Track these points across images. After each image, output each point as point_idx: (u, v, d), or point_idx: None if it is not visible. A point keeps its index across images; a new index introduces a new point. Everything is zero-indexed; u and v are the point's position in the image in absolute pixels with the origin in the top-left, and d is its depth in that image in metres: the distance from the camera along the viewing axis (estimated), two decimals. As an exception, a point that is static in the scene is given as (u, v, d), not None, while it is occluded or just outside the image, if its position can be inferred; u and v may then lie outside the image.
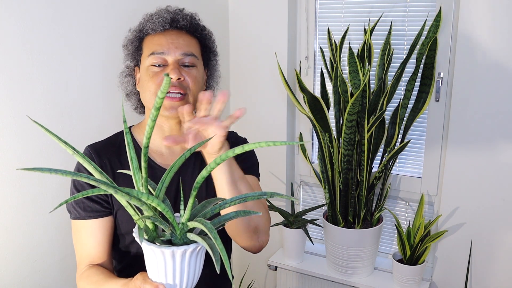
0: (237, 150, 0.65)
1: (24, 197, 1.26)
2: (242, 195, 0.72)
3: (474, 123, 1.67)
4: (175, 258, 0.70)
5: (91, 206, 0.98)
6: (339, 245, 1.83)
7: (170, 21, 1.00)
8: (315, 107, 1.68)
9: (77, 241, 1.02)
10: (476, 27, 1.59)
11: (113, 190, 0.63)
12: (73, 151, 0.68)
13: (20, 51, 1.20)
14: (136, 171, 0.71)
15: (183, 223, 0.71)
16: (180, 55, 0.98)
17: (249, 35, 2.02)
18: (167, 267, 0.71)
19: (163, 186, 0.71)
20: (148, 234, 0.73)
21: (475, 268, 1.79)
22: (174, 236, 0.72)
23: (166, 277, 0.73)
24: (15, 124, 1.21)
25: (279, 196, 0.70)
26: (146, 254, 0.74)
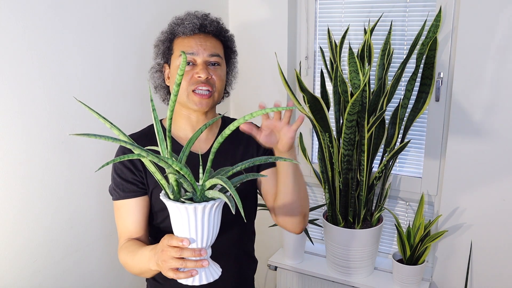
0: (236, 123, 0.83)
1: (26, 198, 1.26)
2: (251, 159, 0.86)
3: (474, 123, 1.67)
4: (196, 214, 0.81)
5: (129, 187, 1.11)
6: (339, 245, 1.83)
7: (199, 26, 1.13)
8: (315, 107, 1.68)
9: (118, 219, 1.14)
10: (476, 27, 1.59)
11: (145, 153, 0.75)
12: (111, 125, 0.80)
13: (24, 51, 1.20)
14: (162, 141, 0.83)
15: (202, 184, 0.82)
16: (207, 56, 1.12)
17: (249, 35, 2.02)
18: (190, 222, 0.82)
19: (184, 155, 0.84)
20: (173, 195, 0.83)
21: (475, 268, 1.79)
22: (195, 195, 0.83)
23: (189, 232, 0.83)
24: (18, 124, 1.21)
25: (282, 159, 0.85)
26: (171, 212, 0.84)
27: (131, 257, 1.06)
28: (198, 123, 1.18)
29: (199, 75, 1.10)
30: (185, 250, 0.85)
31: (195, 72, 1.11)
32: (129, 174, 1.11)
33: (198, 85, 1.10)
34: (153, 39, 1.21)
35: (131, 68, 1.56)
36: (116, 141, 0.75)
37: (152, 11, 1.62)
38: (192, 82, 1.10)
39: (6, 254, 1.24)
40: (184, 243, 0.84)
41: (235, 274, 1.21)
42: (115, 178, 1.12)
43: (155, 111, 0.84)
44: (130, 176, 1.11)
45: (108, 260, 1.57)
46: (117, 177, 1.12)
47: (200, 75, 1.10)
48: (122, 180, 1.11)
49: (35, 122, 1.26)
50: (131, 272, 1.09)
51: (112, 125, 0.79)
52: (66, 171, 1.37)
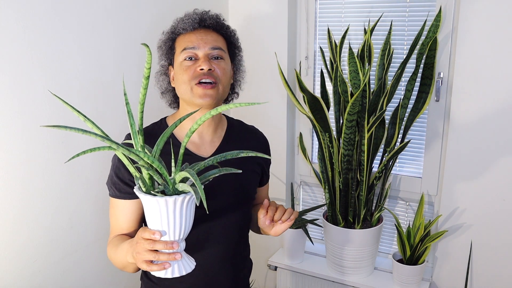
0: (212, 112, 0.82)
1: (26, 198, 1.26)
2: (223, 154, 0.87)
3: (474, 123, 1.67)
4: (167, 206, 0.81)
5: (125, 188, 1.09)
6: (339, 245, 1.83)
7: (199, 20, 1.12)
8: (315, 107, 1.68)
9: (112, 215, 1.14)
10: (476, 27, 1.59)
11: (115, 146, 0.75)
12: (84, 118, 0.79)
13: (24, 51, 1.20)
14: (135, 135, 0.83)
15: (173, 177, 0.83)
16: (209, 49, 1.10)
17: (249, 35, 2.02)
18: (162, 215, 0.82)
19: (158, 148, 0.84)
20: (145, 187, 0.84)
21: (475, 268, 1.79)
22: (167, 188, 0.83)
23: (161, 224, 0.84)
24: (18, 124, 1.21)
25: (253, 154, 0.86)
26: (144, 204, 0.85)
27: (114, 251, 1.07)
28: (204, 125, 1.15)
29: (201, 67, 1.07)
30: (157, 243, 0.85)
31: (197, 66, 1.08)
32: (127, 175, 1.08)
33: (201, 77, 1.07)
34: (153, 39, 1.21)
35: (131, 68, 1.56)
36: (87, 133, 0.74)
37: (152, 11, 1.62)
38: (195, 76, 1.08)
39: (6, 254, 1.24)
40: (156, 236, 0.84)
41: (231, 278, 1.20)
42: (112, 176, 1.11)
43: (128, 104, 0.83)
44: (127, 177, 1.08)
45: (107, 260, 1.56)
46: (114, 176, 1.11)
47: (202, 67, 1.07)
48: (119, 180, 1.09)
49: (35, 122, 1.26)
50: (117, 267, 1.11)
51: (86, 118, 0.79)
52: (66, 171, 1.37)
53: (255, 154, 0.86)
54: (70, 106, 0.78)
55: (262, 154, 0.85)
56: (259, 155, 0.85)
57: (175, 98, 1.20)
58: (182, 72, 1.09)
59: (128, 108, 0.82)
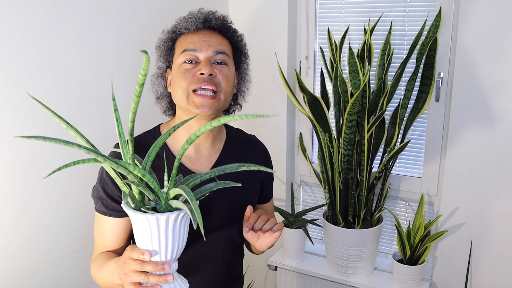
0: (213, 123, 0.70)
1: (26, 198, 1.26)
2: (222, 167, 0.78)
3: (474, 123, 1.67)
4: (159, 224, 0.74)
5: (112, 205, 1.00)
6: (339, 245, 1.83)
7: (203, 20, 1.02)
8: (315, 107, 1.68)
9: (97, 231, 1.05)
10: (476, 27, 1.59)
11: (102, 158, 0.68)
12: (67, 125, 0.71)
13: (23, 51, 1.20)
14: (124, 145, 0.75)
15: (167, 192, 0.75)
16: (212, 53, 0.99)
17: (249, 35, 2.01)
18: (152, 233, 0.75)
19: (148, 160, 0.76)
20: (134, 203, 0.77)
21: (475, 268, 1.79)
22: (158, 204, 0.76)
23: (152, 244, 0.76)
24: (17, 124, 1.21)
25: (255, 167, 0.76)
26: (133, 222, 0.77)
27: (98, 270, 0.98)
28: (201, 139, 1.04)
29: (201, 72, 0.96)
30: (147, 264, 0.77)
31: (197, 69, 0.97)
32: (115, 191, 0.98)
33: (200, 84, 0.96)
34: (153, 39, 1.16)
35: (130, 68, 1.56)
36: (69, 144, 0.66)
37: (153, 11, 1.62)
38: (194, 81, 0.97)
39: (7, 254, 1.24)
40: (145, 256, 0.76)
41: None
42: (99, 191, 1.01)
43: (117, 111, 0.75)
44: (116, 193, 0.98)
45: (108, 260, 1.57)
46: (101, 190, 1.00)
47: (203, 71, 0.96)
48: (107, 196, 0.99)
49: (34, 122, 1.26)
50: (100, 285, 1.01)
51: (69, 126, 0.71)
52: (66, 171, 1.37)
53: (257, 167, 0.75)
54: (50, 111, 0.70)
55: (265, 168, 0.74)
56: (262, 169, 0.74)
57: (171, 105, 1.09)
58: (180, 76, 0.98)
59: (117, 115, 0.75)
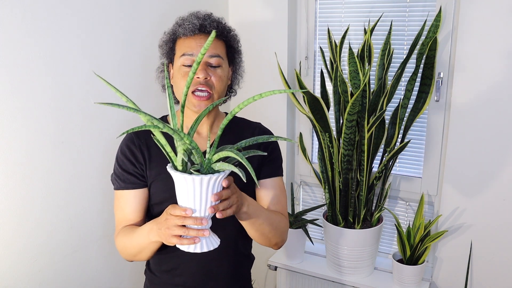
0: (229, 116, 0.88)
1: (26, 198, 1.26)
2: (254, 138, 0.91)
3: (474, 123, 1.67)
4: (202, 185, 0.86)
5: (129, 178, 1.13)
6: (339, 245, 1.83)
7: (199, 27, 1.13)
8: (315, 107, 1.68)
9: (117, 208, 1.17)
10: (476, 27, 1.59)
11: (162, 125, 0.79)
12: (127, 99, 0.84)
13: (26, 51, 1.20)
14: (174, 117, 0.89)
15: (209, 158, 0.87)
16: (207, 57, 1.12)
17: (249, 35, 2.02)
18: (195, 193, 0.86)
19: (192, 131, 0.89)
20: (182, 166, 0.88)
21: (475, 268, 1.79)
22: (202, 168, 0.87)
23: (194, 203, 0.88)
24: (18, 124, 1.21)
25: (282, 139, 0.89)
26: (177, 183, 0.89)
27: (129, 238, 1.10)
28: (206, 118, 1.18)
29: (198, 76, 1.10)
30: (188, 219, 0.89)
31: None
32: (130, 166, 1.13)
33: (196, 86, 1.10)
34: (153, 37, 1.21)
35: (134, 67, 1.56)
36: (139, 112, 0.79)
37: (153, 11, 1.62)
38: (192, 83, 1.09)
39: (7, 254, 1.24)
40: (188, 212, 0.89)
41: (230, 273, 1.21)
42: (117, 168, 1.15)
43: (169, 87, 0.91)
44: (131, 168, 1.13)
45: (108, 260, 1.57)
46: (118, 168, 1.14)
47: (198, 75, 1.10)
48: (123, 171, 1.13)
49: (36, 122, 1.26)
50: (128, 254, 1.13)
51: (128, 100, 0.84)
52: (66, 171, 1.37)
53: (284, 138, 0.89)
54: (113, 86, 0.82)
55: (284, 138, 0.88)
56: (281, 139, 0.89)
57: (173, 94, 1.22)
58: (180, 78, 1.12)
59: (169, 91, 0.90)
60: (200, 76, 1.10)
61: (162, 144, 0.88)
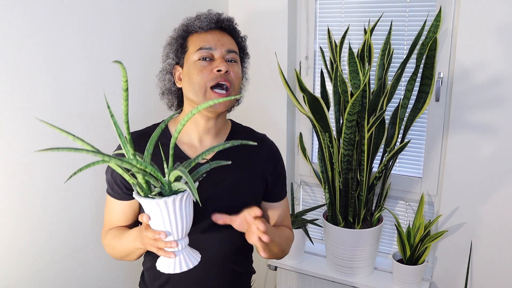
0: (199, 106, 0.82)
1: (26, 198, 1.26)
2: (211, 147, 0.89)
3: (474, 123, 1.67)
4: (168, 207, 0.85)
5: (116, 189, 1.10)
6: (339, 245, 1.83)
7: (216, 21, 1.10)
8: (315, 107, 1.68)
9: (106, 210, 1.16)
10: (476, 27, 1.59)
11: (107, 158, 0.77)
12: (73, 137, 0.80)
13: (26, 51, 1.20)
14: (124, 144, 0.85)
15: (169, 179, 0.86)
16: (225, 51, 1.08)
17: (249, 35, 2.01)
18: (163, 215, 0.86)
19: (148, 153, 0.86)
20: (143, 192, 0.87)
21: (475, 268, 1.79)
22: (164, 190, 0.86)
23: (164, 225, 0.87)
24: (18, 124, 1.21)
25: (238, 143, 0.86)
26: (144, 208, 0.88)
27: (117, 240, 1.09)
28: (205, 130, 1.11)
29: (219, 68, 1.04)
30: (159, 242, 0.89)
31: (214, 66, 1.05)
32: (118, 176, 1.08)
33: (217, 79, 1.04)
34: (154, 38, 1.18)
35: (135, 68, 1.56)
36: (79, 151, 0.76)
37: (154, 11, 1.62)
38: (212, 77, 1.05)
39: (7, 254, 1.24)
40: (161, 236, 0.87)
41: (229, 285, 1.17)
42: (108, 174, 1.12)
43: (113, 116, 0.86)
44: (119, 178, 1.08)
45: (108, 260, 1.57)
46: (109, 174, 1.11)
47: (220, 67, 1.04)
48: (112, 179, 1.10)
49: (36, 122, 1.26)
50: (115, 255, 1.12)
51: (75, 137, 0.81)
52: (66, 172, 1.37)
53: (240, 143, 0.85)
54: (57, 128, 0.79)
55: (248, 142, 0.85)
56: (244, 143, 0.85)
57: (177, 100, 1.16)
58: (197, 73, 1.05)
59: (114, 120, 0.85)
60: (222, 68, 1.04)
61: (120, 173, 0.85)
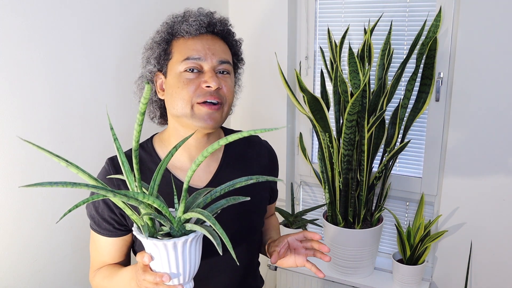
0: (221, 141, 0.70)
1: (26, 198, 1.26)
2: (231, 182, 0.76)
3: (474, 123, 1.67)
4: (176, 249, 0.74)
5: (105, 225, 0.97)
6: (339, 245, 1.83)
7: (207, 25, 0.94)
8: (315, 107, 1.68)
9: (93, 248, 1.03)
10: (476, 27, 1.59)
11: (111, 194, 0.66)
12: (66, 164, 0.69)
13: (24, 52, 1.20)
14: (128, 173, 0.74)
15: (179, 217, 0.75)
16: (216, 62, 0.93)
17: (249, 35, 2.02)
18: (170, 258, 0.75)
19: (155, 184, 0.74)
20: (148, 232, 0.76)
21: (475, 268, 1.79)
22: (172, 229, 0.76)
23: (170, 267, 0.76)
24: (18, 124, 1.21)
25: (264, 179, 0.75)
26: (146, 248, 0.77)
27: (109, 279, 0.95)
28: (197, 149, 0.98)
29: (208, 85, 0.89)
30: (161, 286, 0.75)
31: (203, 81, 0.90)
32: (106, 212, 0.95)
33: (206, 97, 0.90)
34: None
35: (132, 69, 1.56)
36: (77, 186, 0.64)
37: (153, 11, 1.62)
38: (199, 93, 0.90)
39: (7, 254, 1.24)
40: (164, 279, 0.75)
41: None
42: (91, 209, 0.97)
43: (117, 140, 0.73)
44: (107, 213, 0.95)
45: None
46: (92, 208, 0.97)
47: (210, 84, 0.89)
48: (98, 216, 0.96)
49: (35, 122, 1.26)
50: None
51: (69, 164, 0.69)
52: (66, 171, 1.37)
53: (266, 179, 0.73)
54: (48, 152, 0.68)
55: (273, 178, 0.74)
56: (270, 179, 0.73)
57: (160, 111, 1.01)
58: (182, 86, 0.90)
59: (117, 144, 0.72)
60: (211, 85, 0.89)
61: (121, 207, 0.74)
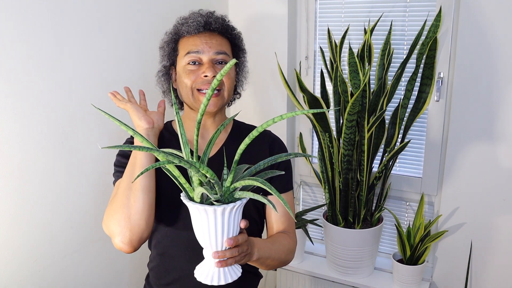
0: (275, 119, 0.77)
1: (25, 197, 1.26)
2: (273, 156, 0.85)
3: (474, 123, 1.67)
4: (224, 215, 0.80)
5: None
6: (339, 245, 1.83)
7: (204, 24, 1.10)
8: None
9: None
10: (476, 27, 1.59)
11: (177, 160, 0.74)
12: (133, 132, 0.80)
13: (23, 51, 1.20)
14: (185, 145, 0.84)
15: (228, 186, 0.81)
16: (213, 54, 1.09)
17: (249, 35, 2.02)
18: (217, 224, 0.81)
19: (206, 157, 0.84)
20: (200, 199, 0.82)
21: (475, 268, 1.79)
22: (222, 196, 0.82)
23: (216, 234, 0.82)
24: (17, 124, 1.21)
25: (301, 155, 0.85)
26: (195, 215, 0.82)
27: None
28: (205, 127, 1.14)
29: (205, 74, 1.06)
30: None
31: (201, 72, 1.07)
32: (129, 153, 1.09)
33: (204, 85, 1.06)
34: (154, 38, 1.19)
35: (132, 69, 1.56)
36: (151, 150, 0.74)
37: (153, 11, 1.62)
38: (198, 82, 1.08)
39: (6, 254, 1.24)
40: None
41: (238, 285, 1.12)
42: (119, 161, 1.11)
43: (178, 114, 0.86)
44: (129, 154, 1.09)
45: (107, 261, 1.57)
46: (121, 159, 1.10)
47: (207, 73, 1.06)
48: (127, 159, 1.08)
49: (34, 122, 1.26)
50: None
51: (135, 132, 0.80)
52: (65, 171, 1.37)
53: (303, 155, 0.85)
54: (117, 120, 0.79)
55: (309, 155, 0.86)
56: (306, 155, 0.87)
57: (177, 99, 1.19)
58: (185, 76, 1.08)
59: (178, 117, 0.85)
60: (208, 74, 1.06)
61: (176, 175, 0.83)
